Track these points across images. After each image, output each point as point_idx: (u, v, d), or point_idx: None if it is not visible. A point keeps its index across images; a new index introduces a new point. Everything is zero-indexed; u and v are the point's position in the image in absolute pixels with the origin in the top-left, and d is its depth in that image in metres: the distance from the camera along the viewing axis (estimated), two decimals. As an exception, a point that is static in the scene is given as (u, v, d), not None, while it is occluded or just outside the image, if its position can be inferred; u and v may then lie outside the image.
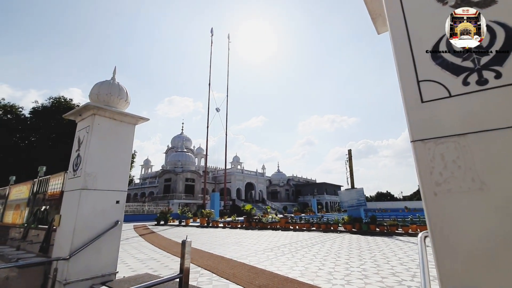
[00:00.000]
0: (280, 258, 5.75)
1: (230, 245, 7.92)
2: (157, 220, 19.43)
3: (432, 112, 1.34)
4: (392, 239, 8.62)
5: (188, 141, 57.49)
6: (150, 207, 33.69)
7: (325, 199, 59.60)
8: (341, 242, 8.15)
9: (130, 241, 9.52)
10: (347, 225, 11.02)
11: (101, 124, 4.68)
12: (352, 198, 11.84)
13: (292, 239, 8.99)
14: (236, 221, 15.17)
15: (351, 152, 12.63)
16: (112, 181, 4.61)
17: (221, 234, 11.16)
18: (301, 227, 12.25)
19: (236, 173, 49.43)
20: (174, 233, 12.50)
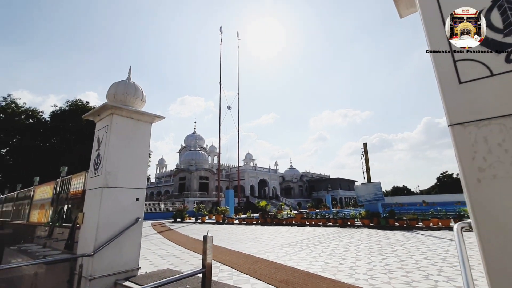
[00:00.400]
0: (299, 253, 5.71)
1: (247, 241, 7.95)
2: (173, 217, 19.78)
3: (472, 93, 1.26)
4: (413, 233, 8.38)
5: (201, 140, 58.16)
6: (166, 205, 34.35)
7: (339, 195, 58.89)
8: (359, 237, 8.01)
9: (149, 238, 9.73)
10: (365, 219, 10.82)
11: (119, 123, 4.76)
12: (369, 192, 11.59)
13: (309, 234, 8.91)
14: (251, 217, 15.22)
15: (366, 145, 12.35)
16: (131, 179, 4.69)
17: (237, 231, 11.22)
18: (317, 223, 12.14)
19: (249, 170, 49.60)
20: (191, 230, 12.68)
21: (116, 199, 4.43)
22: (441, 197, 57.58)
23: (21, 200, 10.93)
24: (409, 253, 5.37)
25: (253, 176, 50.20)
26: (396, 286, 3.36)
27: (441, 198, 56.63)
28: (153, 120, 5.27)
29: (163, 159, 64.09)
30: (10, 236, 10.31)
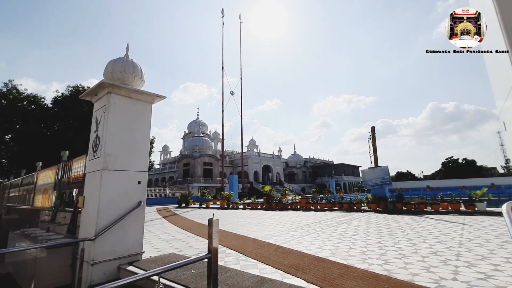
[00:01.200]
0: (306, 237, 5.55)
1: (252, 225, 7.83)
2: (178, 202, 19.86)
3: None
4: (422, 217, 8.19)
5: (204, 126, 57.94)
6: (171, 191, 34.64)
7: (343, 180, 58.93)
8: (367, 221, 7.84)
9: (154, 222, 9.69)
10: (371, 204, 10.63)
11: (117, 103, 4.50)
12: (377, 176, 11.35)
13: (315, 219, 8.77)
14: (256, 202, 15.17)
15: (374, 129, 12.00)
16: (132, 162, 4.48)
17: (242, 215, 11.15)
18: (322, 207, 12.01)
19: (253, 156, 49.55)
20: (196, 214, 12.66)
21: (116, 182, 4.24)
22: (446, 182, 57.30)
23: (25, 185, 10.91)
24: (421, 237, 5.17)
25: (256, 162, 50.21)
26: (414, 272, 3.16)
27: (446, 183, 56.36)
28: (153, 100, 4.99)
29: (167, 146, 64.22)
30: (17, 220, 10.36)
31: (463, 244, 4.47)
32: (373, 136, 11.89)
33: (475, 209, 8.64)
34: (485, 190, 8.63)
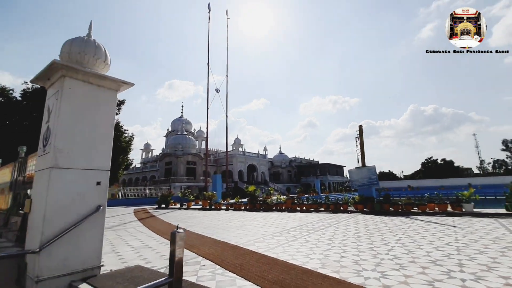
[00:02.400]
0: (293, 243, 5.05)
1: (234, 229, 7.26)
2: (158, 203, 18.94)
3: None
4: (410, 219, 7.93)
5: (188, 124, 56.60)
6: (152, 191, 33.39)
7: (328, 180, 59.46)
8: (355, 223, 7.47)
9: (127, 226, 8.90)
10: (358, 205, 10.35)
11: (73, 89, 3.79)
12: (363, 176, 11.09)
13: (301, 221, 8.33)
14: (240, 203, 14.60)
15: (362, 128, 11.74)
16: (90, 158, 3.79)
17: (224, 217, 10.55)
18: (308, 208, 11.62)
19: (238, 155, 48.90)
20: (174, 216, 11.92)
21: (69, 182, 3.54)
22: (425, 182, 59.16)
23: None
24: (415, 242, 4.80)
25: (241, 161, 49.60)
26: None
27: (426, 183, 58.17)
28: (119, 87, 4.30)
29: (149, 144, 62.33)
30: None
31: (462, 250, 4.12)
32: (361, 135, 11.63)
33: (462, 210, 8.50)
34: (473, 191, 8.51)
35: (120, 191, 30.74)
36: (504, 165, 65.34)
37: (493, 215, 7.85)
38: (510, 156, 62.57)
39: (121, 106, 19.16)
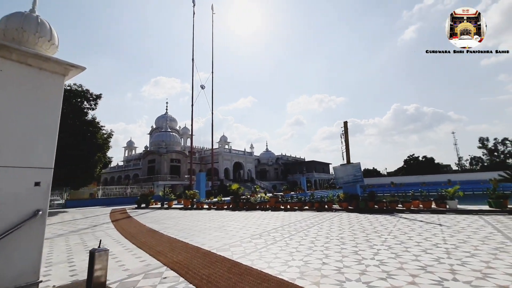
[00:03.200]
0: (271, 247, 4.60)
1: (212, 231, 6.75)
2: (137, 203, 18.08)
3: None
4: (395, 217, 7.69)
5: (173, 121, 55.24)
6: (134, 190, 32.24)
7: (314, 177, 59.79)
8: (339, 222, 7.13)
9: (96, 229, 8.20)
10: (343, 203, 10.07)
11: (6, 71, 3.15)
12: (348, 174, 10.84)
13: (284, 220, 7.92)
14: (222, 201, 14.07)
15: (347, 124, 11.47)
16: (28, 155, 3.17)
17: (204, 217, 10.00)
18: (292, 207, 11.26)
19: (224, 152, 48.18)
20: (152, 217, 11.25)
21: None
22: (408, 178, 60.67)
23: None
24: (401, 243, 4.47)
25: (227, 159, 48.92)
26: (409, 304, 2.32)
27: (408, 179, 59.66)
28: (66, 72, 3.67)
29: (132, 141, 60.52)
30: None
31: (451, 253, 3.80)
32: (346, 132, 11.36)
33: (446, 207, 8.36)
34: (457, 188, 8.38)
35: (99, 190, 29.47)
36: (480, 162, 67.96)
37: (477, 212, 7.73)
38: (486, 154, 65.15)
39: (97, 100, 18.10)
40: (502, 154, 62.66)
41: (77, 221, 10.91)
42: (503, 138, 62.03)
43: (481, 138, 65.75)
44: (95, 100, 18.05)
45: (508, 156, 61.78)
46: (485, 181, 46.36)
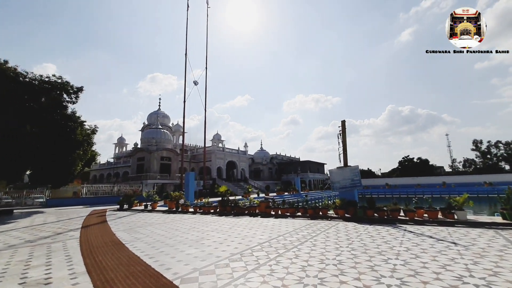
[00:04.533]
0: (251, 278, 3.62)
1: (187, 245, 5.74)
2: (120, 203, 16.94)
3: None
4: (399, 229, 6.79)
5: (166, 118, 53.89)
6: (122, 188, 30.97)
7: (308, 177, 59.09)
8: (336, 236, 6.18)
9: (58, 238, 7.12)
10: (340, 210, 9.15)
11: None
12: (345, 178, 9.92)
13: (273, 232, 6.95)
14: (209, 204, 13.05)
15: (345, 124, 10.53)
16: None
17: (185, 225, 8.98)
18: (284, 213, 10.31)
19: (217, 151, 47.05)
20: (129, 222, 10.19)
21: None
22: (402, 180, 60.36)
23: None
24: (416, 274, 3.52)
25: (221, 157, 47.81)
26: None
27: (403, 181, 59.34)
28: None
29: (122, 138, 58.91)
30: None
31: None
32: (343, 132, 10.43)
33: (455, 218, 7.49)
34: (466, 197, 7.50)
35: (83, 188, 28.15)
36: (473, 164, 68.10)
37: (490, 225, 6.87)
38: (479, 156, 65.26)
39: (78, 93, 16.81)
40: (495, 156, 62.82)
41: (45, 226, 9.79)
42: (496, 141, 62.17)
43: (475, 140, 65.85)
44: (76, 93, 16.81)
45: (501, 159, 61.98)
46: (480, 183, 46.28)
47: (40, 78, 15.44)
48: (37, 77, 15.38)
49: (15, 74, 14.52)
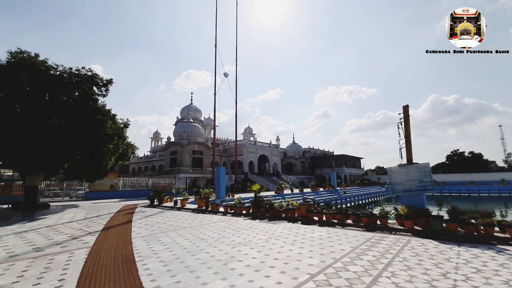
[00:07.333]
0: None
1: (212, 271, 4.30)
2: (150, 199, 16.39)
3: None
4: (505, 255, 4.70)
5: (198, 112, 54.08)
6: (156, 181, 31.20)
7: (344, 172, 55.68)
8: (422, 267, 4.30)
9: (69, 246, 6.17)
10: (407, 220, 7.12)
11: None
12: (411, 178, 7.82)
13: (324, 252, 5.26)
14: (241, 204, 11.66)
15: (408, 110, 8.34)
16: None
17: (213, 232, 7.65)
18: (329, 219, 8.53)
19: (248, 145, 45.94)
20: (153, 224, 9.17)
21: None
22: (452, 176, 54.27)
23: None
24: None
25: (252, 151, 46.64)
26: None
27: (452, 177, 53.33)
28: None
29: (158, 132, 60.60)
30: None
31: None
32: (406, 120, 8.26)
33: None
34: None
35: (119, 181, 28.73)
36: (533, 158, 58.98)
37: None
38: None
39: (108, 86, 16.40)
40: None
41: (69, 225, 9.17)
42: None
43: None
44: (106, 86, 16.39)
45: None
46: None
47: (69, 71, 15.15)
48: (67, 70, 15.12)
49: (45, 67, 14.30)
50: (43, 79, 13.90)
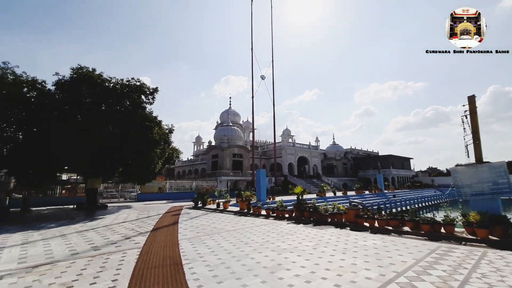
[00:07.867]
0: None
1: (258, 279, 4.08)
2: (194, 201, 16.95)
3: None
4: None
5: (236, 116, 55.19)
6: (199, 184, 32.43)
7: (391, 174, 51.80)
8: (502, 281, 3.56)
9: (123, 246, 6.51)
10: (479, 229, 6.12)
11: None
12: (482, 180, 6.75)
13: (383, 263, 4.70)
14: (283, 207, 11.33)
15: (474, 101, 7.25)
16: None
17: (256, 236, 7.46)
18: (382, 225, 7.77)
19: (287, 146, 45.36)
20: (198, 226, 9.34)
21: None
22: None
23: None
24: None
25: (291, 153, 45.95)
26: None
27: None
28: None
29: (199, 137, 63.22)
30: None
31: None
32: (473, 113, 7.18)
33: None
34: None
35: (166, 184, 30.41)
36: None
37: None
38: None
39: (154, 94, 17.48)
40: None
41: (123, 225, 9.81)
42: None
43: None
44: (152, 94, 17.48)
45: None
46: None
47: (121, 82, 16.43)
48: (119, 81, 16.43)
49: (101, 80, 15.70)
50: (99, 91, 15.28)
